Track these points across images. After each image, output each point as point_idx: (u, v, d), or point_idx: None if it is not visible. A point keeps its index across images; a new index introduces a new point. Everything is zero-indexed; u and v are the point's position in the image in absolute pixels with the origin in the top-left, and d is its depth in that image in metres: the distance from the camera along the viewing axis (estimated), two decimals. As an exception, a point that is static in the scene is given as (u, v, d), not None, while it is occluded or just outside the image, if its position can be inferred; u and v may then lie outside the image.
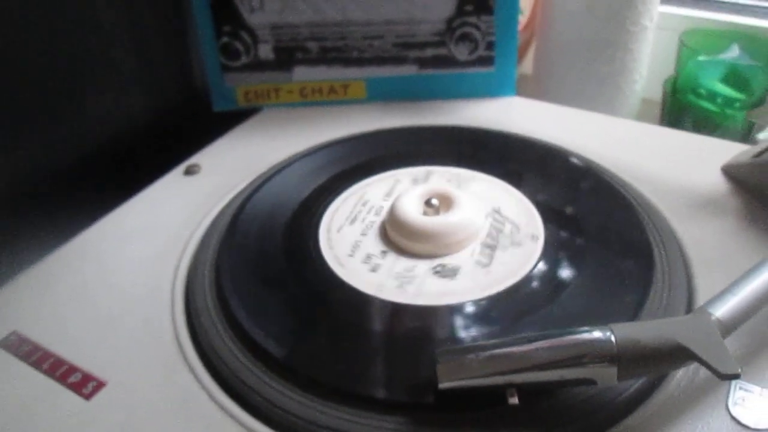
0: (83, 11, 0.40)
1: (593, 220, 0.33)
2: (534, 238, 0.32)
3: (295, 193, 0.37)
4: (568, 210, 0.34)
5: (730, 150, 0.39)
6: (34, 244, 0.35)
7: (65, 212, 0.38)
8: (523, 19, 0.62)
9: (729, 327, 0.24)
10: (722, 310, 0.24)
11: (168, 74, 0.47)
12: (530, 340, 0.24)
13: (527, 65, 0.65)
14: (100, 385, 0.27)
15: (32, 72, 0.38)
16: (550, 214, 0.34)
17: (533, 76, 0.63)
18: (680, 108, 0.58)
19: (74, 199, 0.40)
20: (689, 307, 0.29)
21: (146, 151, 0.45)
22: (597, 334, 0.23)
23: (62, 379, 0.27)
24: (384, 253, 0.32)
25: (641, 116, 0.62)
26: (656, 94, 0.61)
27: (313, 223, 0.34)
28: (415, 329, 0.28)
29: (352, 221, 0.34)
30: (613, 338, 0.23)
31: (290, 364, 0.26)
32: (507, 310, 0.28)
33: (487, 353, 0.24)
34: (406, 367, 0.26)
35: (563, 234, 0.32)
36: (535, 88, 0.62)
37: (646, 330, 0.23)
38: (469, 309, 0.28)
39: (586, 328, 0.23)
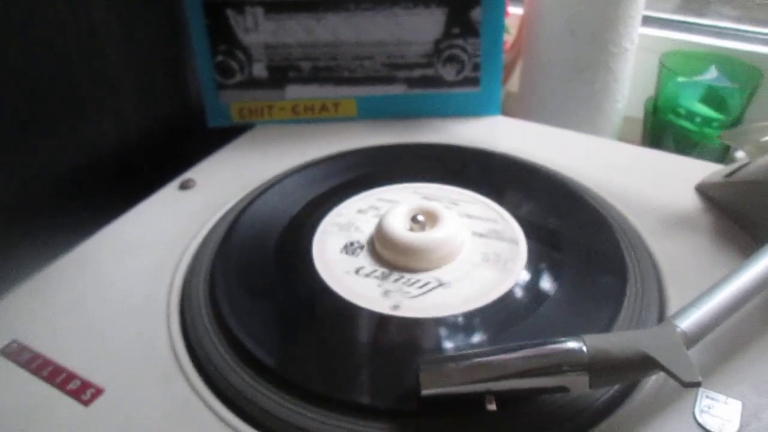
0: (81, 30, 0.41)
1: (572, 236, 0.35)
2: (515, 252, 0.33)
3: (287, 208, 0.38)
4: (548, 226, 0.35)
5: (705, 169, 0.41)
6: (33, 256, 0.36)
7: (62, 225, 0.39)
8: (509, 39, 0.64)
9: (693, 338, 0.25)
10: (687, 322, 0.25)
11: (164, 91, 0.49)
12: (507, 350, 0.25)
13: (514, 83, 0.67)
14: (98, 392, 0.28)
15: (30, 88, 0.39)
16: (531, 230, 0.35)
17: (519, 94, 0.64)
18: (661, 127, 0.60)
19: (71, 213, 0.41)
20: (660, 320, 0.30)
21: (142, 166, 0.46)
22: (569, 344, 0.24)
23: (62, 386, 0.28)
24: (373, 267, 0.33)
25: (624, 134, 0.63)
26: (638, 112, 0.63)
27: (305, 237, 0.35)
28: (399, 340, 0.29)
29: (343, 236, 0.35)
30: (584, 348, 0.24)
31: (281, 373, 0.27)
32: (489, 322, 0.29)
33: (467, 362, 0.25)
34: (390, 375, 0.27)
35: (543, 250, 0.34)
36: (520, 106, 0.64)
37: (615, 341, 0.25)
38: (452, 321, 0.30)
39: (559, 339, 0.25)
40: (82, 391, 0.28)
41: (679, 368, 0.23)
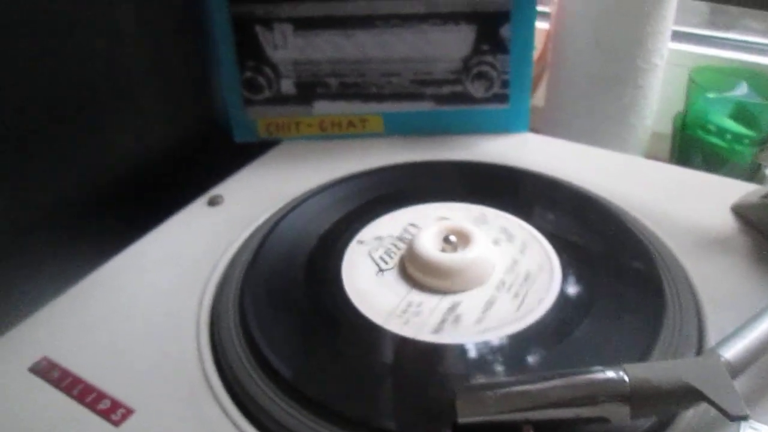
0: (103, 41, 0.40)
1: (606, 257, 0.34)
2: (549, 275, 0.33)
3: (316, 226, 0.38)
4: (582, 247, 0.35)
5: (740, 189, 0.40)
6: (60, 275, 0.36)
7: (88, 242, 0.39)
8: (535, 53, 0.64)
9: (738, 368, 0.24)
10: (732, 351, 0.25)
11: (189, 106, 0.48)
12: (546, 379, 0.25)
13: (539, 97, 0.66)
14: (128, 412, 0.28)
15: (53, 104, 0.38)
16: (564, 252, 0.34)
17: (545, 108, 0.64)
18: (690, 143, 0.59)
19: (98, 230, 0.41)
20: (700, 345, 0.29)
21: (168, 182, 0.46)
22: (611, 374, 0.24)
23: (92, 406, 0.28)
24: (404, 288, 0.33)
25: (651, 150, 0.63)
26: (667, 127, 0.62)
27: (335, 257, 0.35)
28: (432, 365, 0.29)
29: (373, 255, 0.35)
30: (626, 378, 0.23)
31: (315, 398, 0.27)
32: (522, 347, 0.29)
33: (505, 391, 0.24)
34: (424, 401, 0.27)
35: (577, 272, 0.33)
36: (546, 121, 0.63)
37: (657, 370, 0.24)
38: (485, 347, 0.29)
39: (600, 368, 0.24)
40: (113, 411, 0.28)
41: (725, 401, 0.23)
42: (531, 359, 0.28)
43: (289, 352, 0.29)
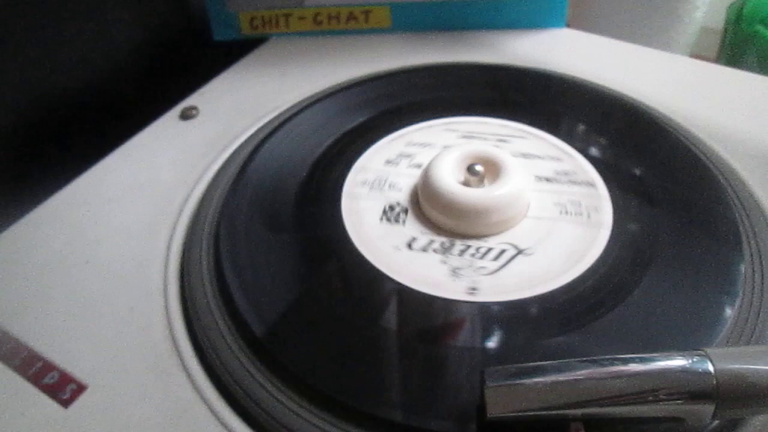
0: None
1: (664, 189, 0.28)
2: (597, 198, 0.27)
3: (310, 146, 0.31)
4: (636, 177, 0.28)
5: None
6: (6, 205, 0.30)
7: (35, 168, 0.34)
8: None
9: None
10: None
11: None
12: (602, 365, 0.19)
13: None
14: (80, 388, 0.23)
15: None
16: (614, 183, 0.28)
17: (576, -4, 0.55)
18: (744, 39, 0.51)
19: (46, 153, 0.35)
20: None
21: (133, 92, 0.40)
22: (690, 363, 0.18)
23: (36, 380, 0.23)
24: (417, 229, 0.26)
25: (695, 46, 0.55)
26: (715, 21, 0.54)
27: (333, 189, 0.29)
28: (452, 332, 0.23)
29: (377, 198, 0.29)
30: (711, 369, 0.18)
31: (304, 377, 0.22)
32: (563, 312, 0.23)
33: (550, 379, 0.19)
34: (439, 384, 0.21)
35: (630, 209, 0.27)
36: (576, 10, 0.55)
37: (751, 360, 0.18)
38: (518, 309, 0.23)
39: (674, 354, 0.19)
40: (61, 388, 0.23)
41: None
42: (576, 327, 0.23)
43: (276, 316, 0.24)
